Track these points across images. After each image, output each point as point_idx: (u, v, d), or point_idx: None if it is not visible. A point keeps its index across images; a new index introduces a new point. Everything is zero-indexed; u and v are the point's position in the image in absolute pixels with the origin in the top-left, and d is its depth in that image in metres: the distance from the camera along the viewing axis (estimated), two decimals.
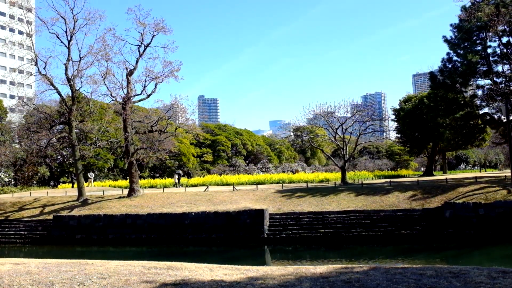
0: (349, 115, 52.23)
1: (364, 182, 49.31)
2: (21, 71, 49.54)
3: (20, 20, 46.33)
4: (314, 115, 56.26)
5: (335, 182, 48.49)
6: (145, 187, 53.87)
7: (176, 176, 57.69)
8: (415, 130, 65.76)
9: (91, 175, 61.91)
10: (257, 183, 53.39)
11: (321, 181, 56.47)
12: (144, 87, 43.00)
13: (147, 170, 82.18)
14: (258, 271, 10.62)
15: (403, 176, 72.39)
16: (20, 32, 54.75)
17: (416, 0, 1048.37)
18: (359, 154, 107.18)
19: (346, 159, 50.19)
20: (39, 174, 70.94)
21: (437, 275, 9.11)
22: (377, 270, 10.04)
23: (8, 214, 39.61)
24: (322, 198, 36.35)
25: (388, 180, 51.25)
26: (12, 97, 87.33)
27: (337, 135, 51.22)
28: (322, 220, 32.97)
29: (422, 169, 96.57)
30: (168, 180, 60.43)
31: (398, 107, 70.54)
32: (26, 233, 36.62)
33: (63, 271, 10.62)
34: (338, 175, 56.13)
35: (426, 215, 32.28)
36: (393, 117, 71.18)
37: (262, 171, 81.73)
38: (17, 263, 12.49)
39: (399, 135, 73.14)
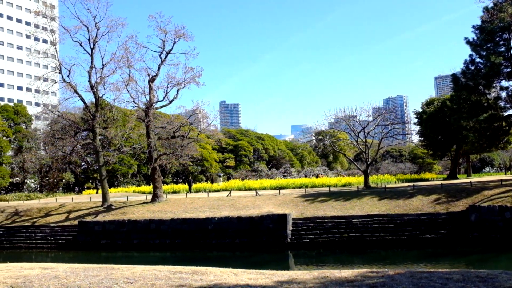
0: (371, 118, 51.79)
1: (387, 186, 48.88)
2: (45, 79, 50.48)
3: (44, 29, 47.10)
4: (335, 119, 55.88)
5: (358, 186, 48.15)
6: (168, 193, 54.28)
7: (220, 179, 61.19)
8: (438, 133, 64.98)
9: None
10: (280, 187, 53.32)
11: (344, 185, 56.13)
12: (166, 93, 43.49)
13: (170, 176, 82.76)
14: (283, 276, 10.64)
15: (427, 180, 71.58)
16: (45, 41, 55.71)
17: (433, 3, 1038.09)
18: (382, 158, 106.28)
19: (368, 163, 49.79)
20: (64, 180, 72.09)
21: (464, 280, 9.00)
22: (403, 274, 9.97)
23: (35, 220, 40.31)
24: (345, 203, 36.16)
25: (411, 183, 50.72)
26: (37, 104, 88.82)
27: (359, 139, 50.90)
28: (345, 224, 32.82)
29: (446, 172, 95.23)
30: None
31: (420, 110, 69.70)
32: (52, 238, 37.24)
33: (90, 276, 10.78)
34: (361, 179, 55.76)
35: (451, 219, 31.90)
36: (416, 120, 70.42)
37: (284, 176, 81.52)
38: (45, 268, 12.72)
39: (422, 138, 72.17)
